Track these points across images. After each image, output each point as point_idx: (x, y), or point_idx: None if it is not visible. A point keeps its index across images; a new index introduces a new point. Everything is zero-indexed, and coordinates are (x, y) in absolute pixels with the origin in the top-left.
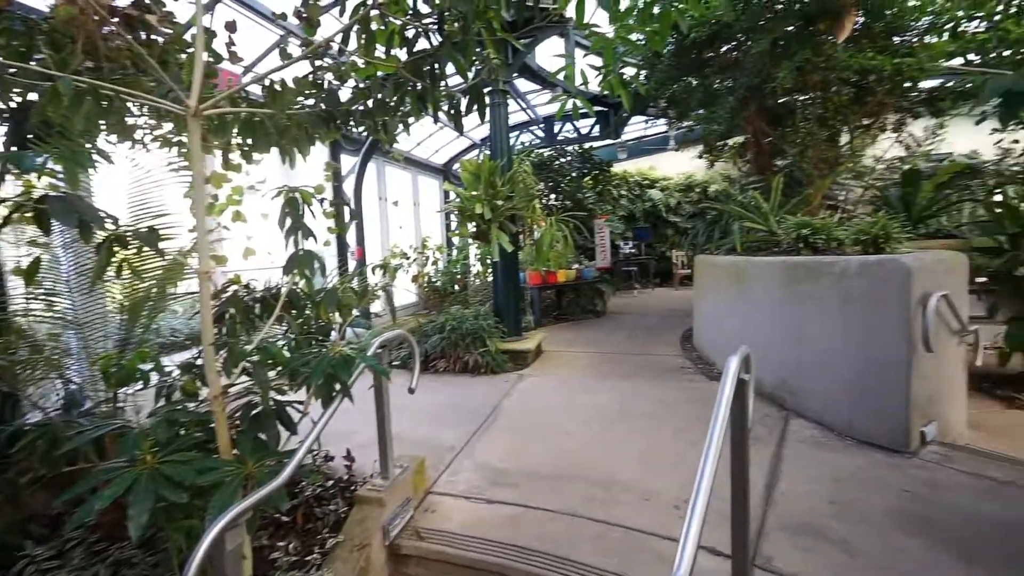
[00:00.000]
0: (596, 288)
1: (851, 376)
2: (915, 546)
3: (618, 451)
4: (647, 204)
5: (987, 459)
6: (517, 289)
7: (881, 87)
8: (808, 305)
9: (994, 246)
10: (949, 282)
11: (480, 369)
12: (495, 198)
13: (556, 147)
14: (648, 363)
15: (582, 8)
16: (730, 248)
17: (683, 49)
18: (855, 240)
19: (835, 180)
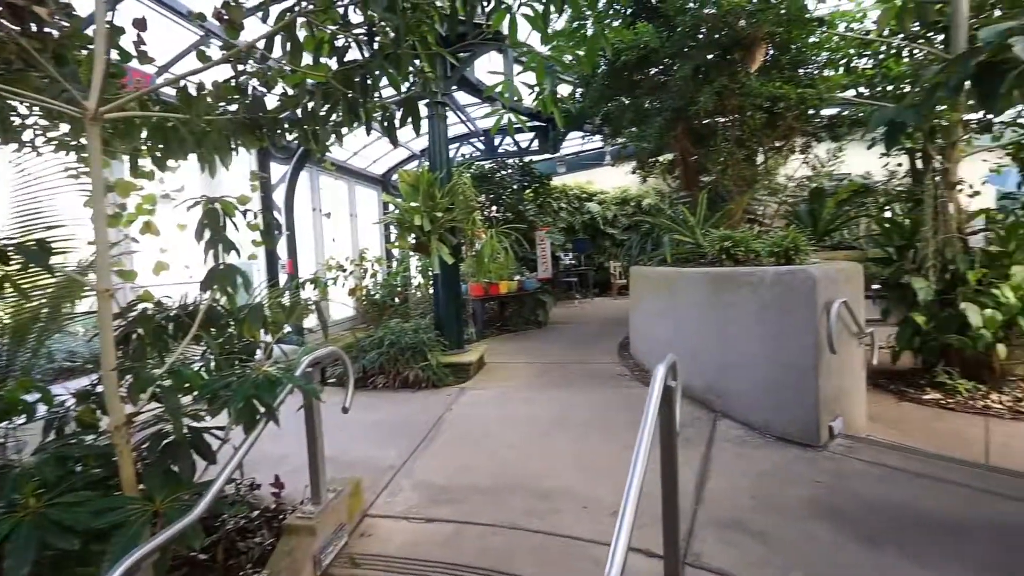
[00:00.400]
0: (538, 299)
1: (769, 378)
2: (825, 531)
3: (558, 460)
4: (586, 217)
5: (883, 449)
6: (458, 301)
7: (789, 113)
8: (731, 313)
9: (884, 257)
10: (848, 289)
11: (421, 384)
12: (434, 210)
13: (497, 160)
14: (587, 372)
15: (515, 27)
16: (661, 259)
17: (615, 70)
18: (770, 252)
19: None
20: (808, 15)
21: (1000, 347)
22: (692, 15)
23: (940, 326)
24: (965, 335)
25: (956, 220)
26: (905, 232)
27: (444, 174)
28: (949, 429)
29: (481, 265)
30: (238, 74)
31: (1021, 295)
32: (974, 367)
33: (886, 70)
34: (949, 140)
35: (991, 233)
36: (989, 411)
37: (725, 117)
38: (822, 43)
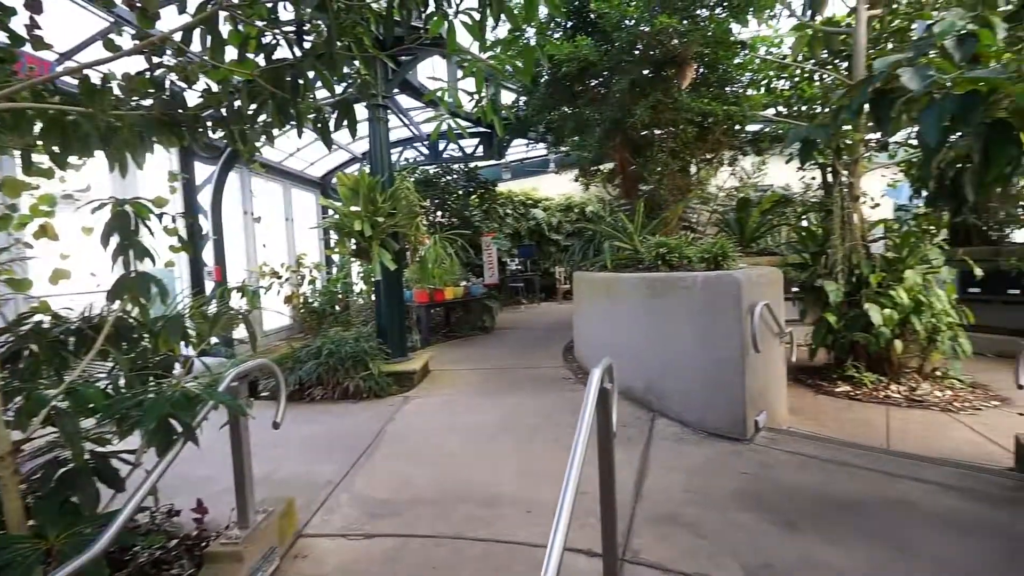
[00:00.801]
0: (484, 304)
1: (701, 377)
2: (750, 519)
3: (502, 466)
4: (531, 223)
5: (801, 439)
6: (402, 308)
7: (718, 128)
8: (666, 316)
9: (801, 262)
10: (770, 293)
11: (362, 394)
12: (376, 215)
13: (442, 165)
14: (532, 376)
15: (453, 34)
16: (602, 265)
17: (557, 81)
18: (701, 258)
19: (688, 205)
20: (732, 38)
21: (897, 343)
22: (628, 32)
23: (848, 325)
24: (869, 333)
25: (860, 229)
26: (818, 239)
27: (386, 178)
28: (857, 418)
29: (425, 271)
30: (153, 67)
31: (913, 296)
32: (877, 361)
33: (800, 92)
34: (853, 157)
35: (889, 241)
36: (889, 400)
37: (660, 130)
38: (745, 65)
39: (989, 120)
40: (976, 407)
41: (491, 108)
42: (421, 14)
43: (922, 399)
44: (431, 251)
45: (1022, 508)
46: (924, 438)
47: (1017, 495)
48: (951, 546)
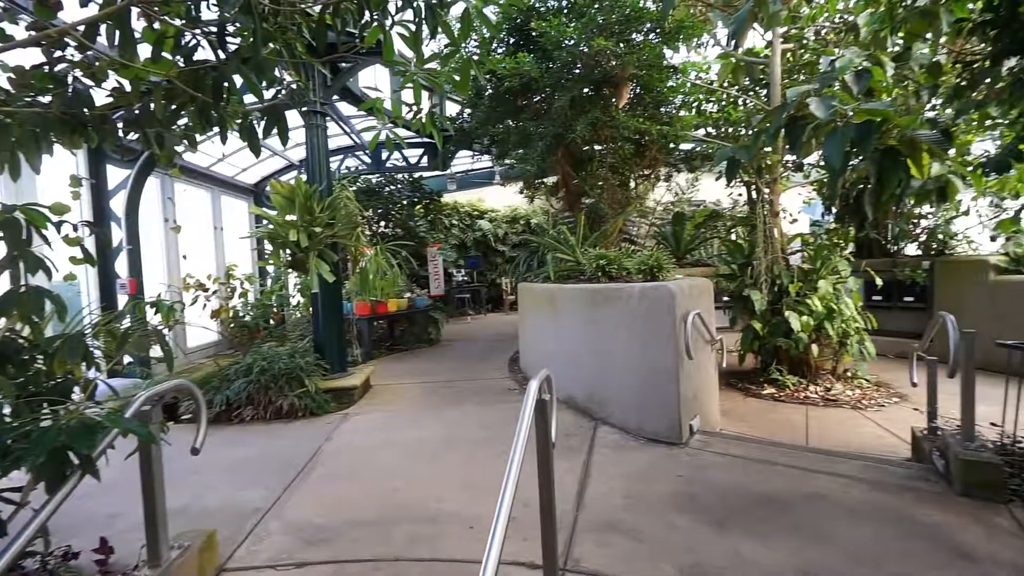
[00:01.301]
0: (429, 316)
1: (639, 384)
2: (685, 521)
3: (446, 482)
4: (477, 234)
5: (731, 440)
6: (340, 322)
7: (654, 146)
8: (606, 325)
9: (730, 273)
10: (702, 302)
11: (297, 413)
12: (313, 224)
13: (385, 174)
14: (477, 388)
15: (389, 44)
16: (546, 276)
17: (500, 95)
18: (638, 269)
19: (628, 218)
20: (665, 62)
21: (814, 347)
22: (568, 51)
23: (772, 331)
24: (790, 338)
25: (780, 243)
26: (744, 252)
27: (324, 187)
28: (781, 418)
29: (366, 283)
30: (52, 61)
31: (826, 304)
32: (797, 365)
33: (727, 115)
34: (772, 176)
35: (805, 253)
36: (808, 400)
37: (601, 145)
38: (678, 88)
39: (882, 147)
40: (880, 404)
41: (431, 121)
42: (356, 23)
43: (836, 398)
44: (372, 262)
45: (915, 494)
46: (838, 434)
47: (911, 483)
48: (858, 533)
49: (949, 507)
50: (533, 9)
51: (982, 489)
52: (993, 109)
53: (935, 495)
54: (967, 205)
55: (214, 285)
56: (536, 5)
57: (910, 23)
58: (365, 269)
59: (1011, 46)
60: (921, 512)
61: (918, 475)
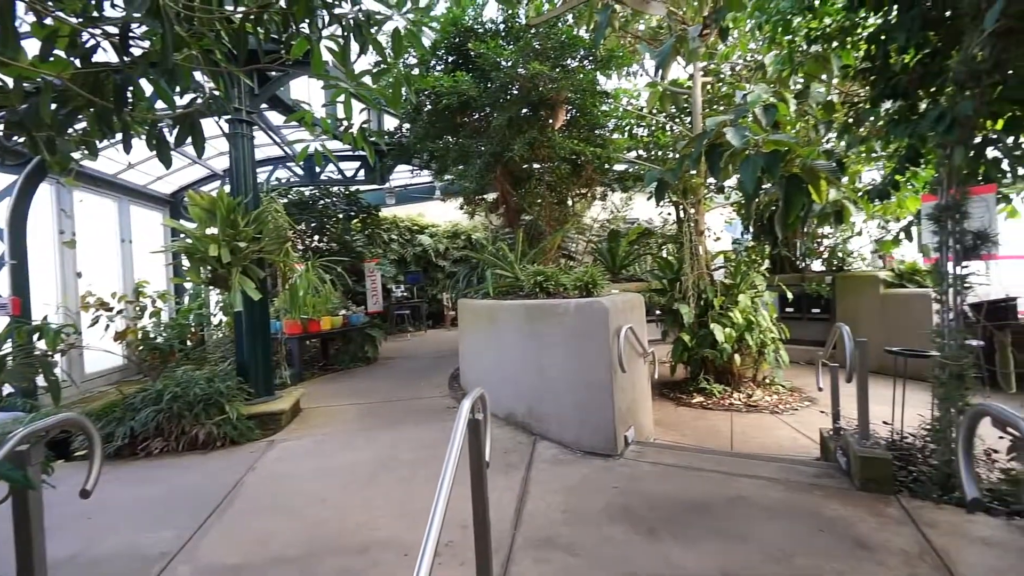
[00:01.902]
0: (366, 334)
1: (576, 399)
2: (619, 532)
3: (380, 508)
4: (418, 249)
5: (663, 449)
6: (267, 341)
7: (589, 166)
8: (544, 341)
9: (661, 287)
10: (634, 316)
11: (216, 442)
12: (237, 239)
13: (320, 187)
14: (416, 407)
15: (317, 57)
16: (486, 292)
17: (439, 111)
18: (575, 285)
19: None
20: (599, 88)
21: (736, 357)
22: (506, 72)
23: (699, 342)
24: (715, 349)
25: (705, 260)
26: (673, 268)
27: (251, 199)
28: (708, 425)
29: (296, 300)
30: None
31: (746, 316)
32: (723, 374)
33: (656, 139)
34: (696, 197)
35: (727, 269)
36: (733, 407)
37: (539, 164)
38: (611, 112)
39: (788, 174)
40: (795, 408)
41: (361, 136)
42: (281, 33)
43: (757, 404)
44: (303, 278)
45: (823, 491)
46: (758, 438)
47: (819, 480)
48: (774, 531)
49: (850, 501)
50: (471, 30)
51: (876, 483)
52: (876, 144)
53: (839, 490)
54: (860, 226)
55: (119, 304)
56: (474, 27)
57: (807, 66)
58: (295, 285)
59: (886, 91)
60: (827, 507)
61: (825, 473)
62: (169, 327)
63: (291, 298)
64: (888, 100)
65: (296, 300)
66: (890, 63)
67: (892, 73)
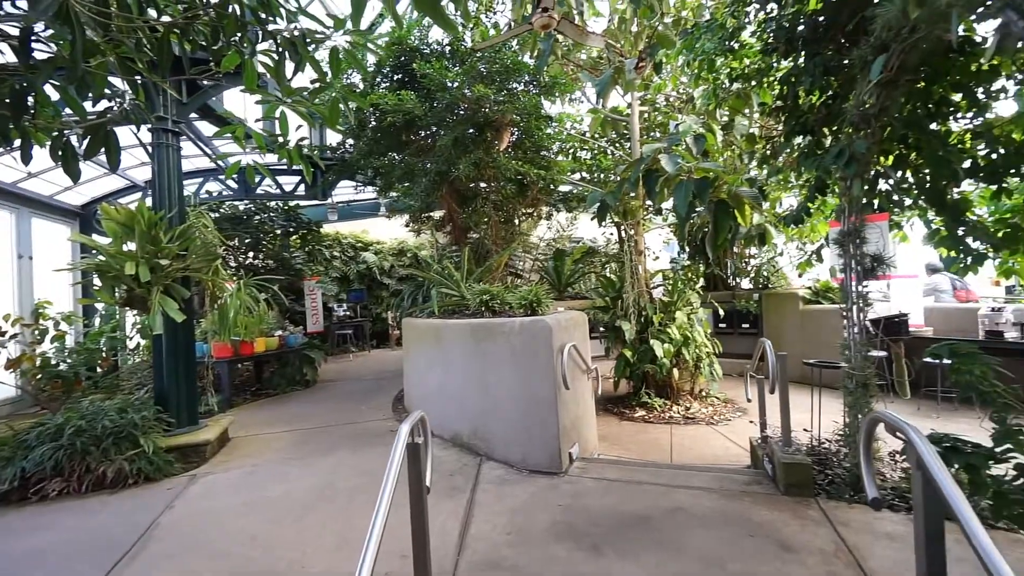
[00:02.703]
0: (304, 356)
1: (521, 417)
2: (564, 550)
3: (315, 542)
4: (361, 266)
5: (607, 464)
6: (191, 366)
7: (535, 186)
8: (490, 360)
9: (604, 305)
10: (577, 334)
11: (127, 480)
12: (158, 256)
13: (256, 201)
14: (357, 432)
15: (251, 72)
16: (431, 311)
17: (384, 128)
18: (520, 304)
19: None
20: (543, 112)
21: (675, 371)
22: (451, 93)
23: (640, 358)
24: (655, 364)
25: (644, 278)
26: (615, 286)
27: (175, 213)
28: (650, 438)
29: (224, 322)
30: None
31: (683, 332)
32: (663, 388)
33: (599, 162)
34: (635, 219)
35: (665, 287)
36: (672, 420)
37: (485, 184)
38: (555, 136)
39: (716, 199)
40: (728, 418)
41: (297, 152)
42: (211, 44)
43: (694, 416)
44: (234, 298)
45: (752, 497)
46: (695, 449)
47: (749, 488)
48: (709, 540)
49: (776, 505)
50: (417, 51)
51: (798, 487)
52: (791, 174)
53: (767, 496)
54: (781, 248)
55: (13, 327)
56: (420, 47)
57: (730, 101)
58: (225, 305)
59: (796, 128)
60: (756, 513)
61: (754, 480)
62: (75, 352)
63: (220, 319)
64: (799, 136)
65: (226, 321)
66: (799, 103)
67: (801, 112)
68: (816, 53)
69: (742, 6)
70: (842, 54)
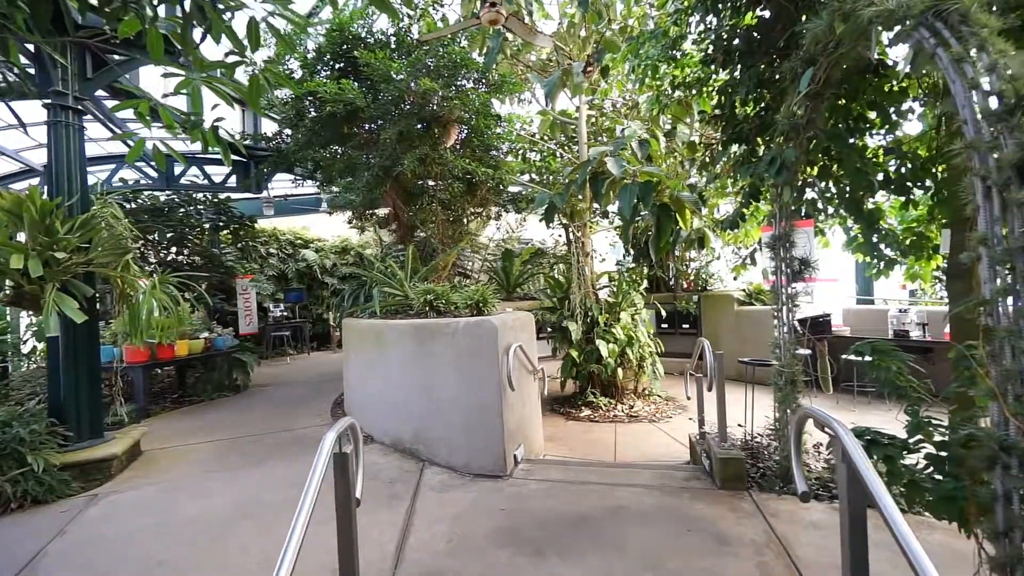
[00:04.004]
0: (235, 359)
1: (465, 420)
2: (506, 555)
3: (234, 565)
4: (301, 264)
5: (552, 466)
6: (94, 372)
7: (483, 186)
8: (433, 361)
9: (552, 305)
10: (524, 335)
11: (10, 504)
12: (53, 248)
13: (180, 192)
14: (290, 440)
15: (156, 42)
16: (373, 311)
17: (324, 118)
18: (465, 304)
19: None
20: (492, 111)
21: (620, 371)
22: (396, 86)
23: (587, 358)
24: (601, 363)
25: (591, 279)
26: (563, 287)
27: (75, 201)
28: (595, 437)
29: (135, 324)
30: None
31: (627, 332)
32: (608, 387)
33: (548, 164)
34: (582, 221)
35: (610, 288)
36: (617, 419)
37: (432, 181)
38: (505, 136)
39: (659, 203)
40: (669, 416)
41: (213, 134)
42: (104, 5)
43: (638, 415)
44: (146, 298)
45: (691, 493)
46: (638, 447)
47: (688, 484)
48: (650, 537)
49: (713, 500)
50: (360, 39)
51: (733, 480)
52: (728, 181)
53: (704, 491)
54: (719, 251)
55: None
56: (364, 36)
57: (672, 108)
58: (137, 305)
59: (733, 136)
60: (694, 508)
61: (693, 475)
62: None
63: (131, 320)
64: (735, 144)
65: (138, 322)
66: (736, 112)
67: (738, 121)
68: (751, 66)
69: (684, 16)
70: (774, 68)
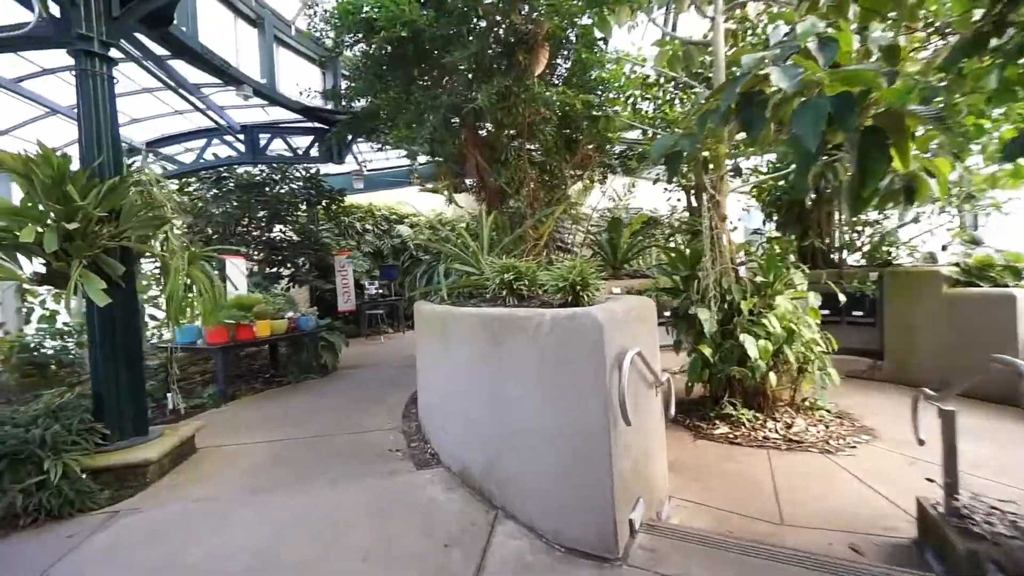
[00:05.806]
0: (321, 339)
1: (553, 457)
2: None
3: None
4: (396, 240)
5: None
6: (134, 360)
7: (584, 138)
8: (508, 367)
9: (673, 286)
10: (643, 330)
11: (19, 521)
12: (74, 218)
13: (271, 165)
14: (350, 447)
15: None
16: (442, 295)
17: (386, 58)
18: (558, 287)
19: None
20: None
21: (772, 376)
22: None
23: (724, 358)
24: (745, 366)
25: (730, 251)
26: (688, 262)
27: (101, 162)
28: (740, 470)
29: (170, 306)
30: None
31: (785, 325)
32: (752, 396)
33: (664, 114)
34: (719, 173)
35: (755, 264)
36: (768, 442)
37: (515, 129)
38: (611, 80)
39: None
40: (851, 444)
41: None
42: None
43: (799, 438)
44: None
45: None
46: (813, 496)
47: None
48: None
49: None
50: None
51: None
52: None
53: None
54: (915, 212)
55: None
56: None
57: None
58: (170, 288)
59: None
60: None
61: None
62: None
63: (168, 303)
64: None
65: (172, 306)
66: None
67: None
68: None
69: None
70: None
